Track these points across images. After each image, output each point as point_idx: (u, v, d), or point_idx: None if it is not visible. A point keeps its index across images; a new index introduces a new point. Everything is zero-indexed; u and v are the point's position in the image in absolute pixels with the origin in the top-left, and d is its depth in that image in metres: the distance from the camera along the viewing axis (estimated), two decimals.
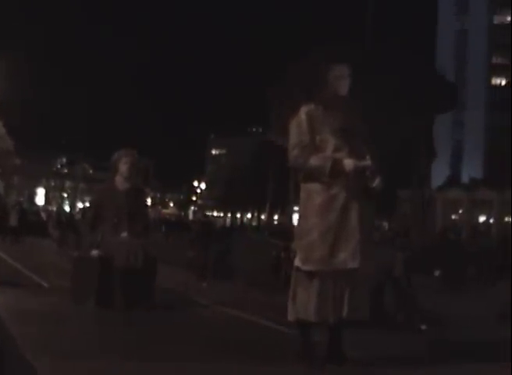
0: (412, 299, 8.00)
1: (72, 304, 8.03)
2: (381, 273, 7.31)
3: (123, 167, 8.36)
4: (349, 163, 5.51)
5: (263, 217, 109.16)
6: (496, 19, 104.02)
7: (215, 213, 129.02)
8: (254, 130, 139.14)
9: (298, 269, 5.60)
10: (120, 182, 8.39)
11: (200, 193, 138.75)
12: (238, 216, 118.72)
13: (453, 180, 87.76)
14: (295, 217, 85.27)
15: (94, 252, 8.11)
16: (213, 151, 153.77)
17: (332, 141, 5.60)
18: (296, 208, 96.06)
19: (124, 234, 8.15)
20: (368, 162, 5.55)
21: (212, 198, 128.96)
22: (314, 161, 5.54)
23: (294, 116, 5.70)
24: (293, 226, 76.00)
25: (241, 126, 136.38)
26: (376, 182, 5.62)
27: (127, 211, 8.22)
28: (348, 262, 5.46)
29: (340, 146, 5.60)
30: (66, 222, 29.22)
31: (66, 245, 24.72)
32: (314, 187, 5.59)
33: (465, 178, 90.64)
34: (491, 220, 76.91)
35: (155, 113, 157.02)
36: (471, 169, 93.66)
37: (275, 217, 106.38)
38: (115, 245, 7.92)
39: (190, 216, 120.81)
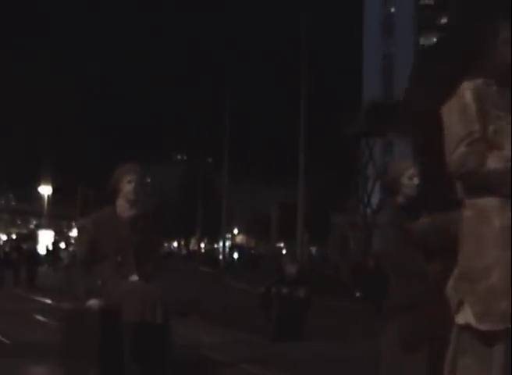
0: None
1: None
2: None
3: (127, 187, 6.16)
4: None
5: (190, 246, 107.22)
6: (422, 41, 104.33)
7: None
8: (178, 157, 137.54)
9: (467, 327, 3.63)
10: (123, 207, 6.18)
11: None
12: (165, 244, 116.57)
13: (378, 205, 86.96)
14: (227, 244, 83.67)
15: (93, 303, 5.90)
16: None
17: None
18: (229, 235, 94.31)
19: (134, 278, 6.00)
20: None
21: None
22: (492, 163, 3.60)
23: (451, 97, 3.73)
24: (225, 254, 73.92)
25: (165, 153, 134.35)
26: None
27: (135, 246, 6.11)
28: None
29: None
30: (4, 257, 26.63)
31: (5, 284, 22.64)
32: (490, 202, 3.62)
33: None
34: None
35: (79, 140, 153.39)
36: None
37: (202, 245, 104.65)
38: (123, 293, 5.77)
39: None
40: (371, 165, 54.10)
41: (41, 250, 48.11)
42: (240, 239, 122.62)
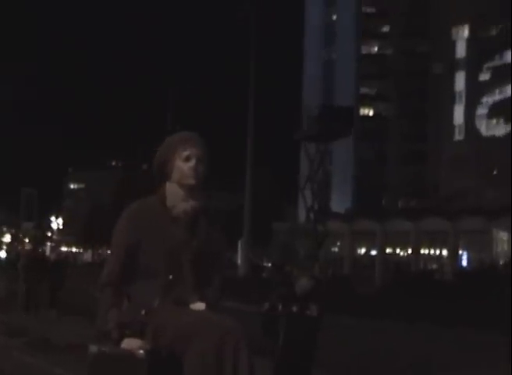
0: None
1: None
2: None
3: (184, 166, 3.99)
4: None
5: None
6: (364, 49, 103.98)
7: (74, 249, 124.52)
8: (113, 163, 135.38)
9: None
10: (176, 197, 3.98)
11: (58, 228, 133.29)
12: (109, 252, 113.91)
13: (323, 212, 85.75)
14: None
15: (134, 345, 3.76)
16: (71, 186, 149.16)
17: None
18: None
19: (198, 305, 3.88)
20: None
21: (71, 234, 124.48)
22: None
23: None
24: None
25: (100, 159, 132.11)
26: None
27: (194, 256, 3.99)
28: None
29: None
30: None
31: None
32: None
33: (336, 209, 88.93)
34: (372, 252, 74.95)
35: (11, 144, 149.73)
36: (340, 200, 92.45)
37: None
38: (187, 331, 3.67)
39: (47, 253, 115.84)
40: (321, 171, 52.41)
41: None
42: None
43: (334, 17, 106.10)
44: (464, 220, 64.03)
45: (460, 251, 67.51)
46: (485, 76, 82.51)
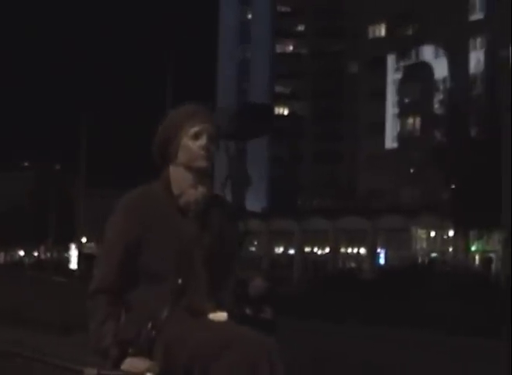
0: None
1: None
2: None
3: (193, 145, 3.27)
4: None
5: (36, 254, 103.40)
6: (278, 48, 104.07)
7: None
8: (25, 164, 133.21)
9: None
10: (183, 182, 3.27)
11: None
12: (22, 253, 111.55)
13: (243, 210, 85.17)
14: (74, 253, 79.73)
15: (140, 365, 3.00)
16: None
17: None
18: (85, 240, 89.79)
19: (219, 316, 3.17)
20: None
21: None
22: None
23: None
24: (80, 262, 71.09)
25: (10, 160, 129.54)
26: None
27: (206, 254, 3.28)
28: None
29: None
30: None
31: None
32: None
33: (251, 208, 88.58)
34: (291, 251, 74.82)
35: None
36: (256, 199, 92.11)
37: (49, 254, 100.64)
38: (209, 347, 2.97)
39: None
40: (241, 169, 51.96)
41: None
42: (89, 247, 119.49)
43: (249, 16, 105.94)
44: (382, 219, 64.40)
45: (379, 249, 67.90)
46: (399, 75, 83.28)
